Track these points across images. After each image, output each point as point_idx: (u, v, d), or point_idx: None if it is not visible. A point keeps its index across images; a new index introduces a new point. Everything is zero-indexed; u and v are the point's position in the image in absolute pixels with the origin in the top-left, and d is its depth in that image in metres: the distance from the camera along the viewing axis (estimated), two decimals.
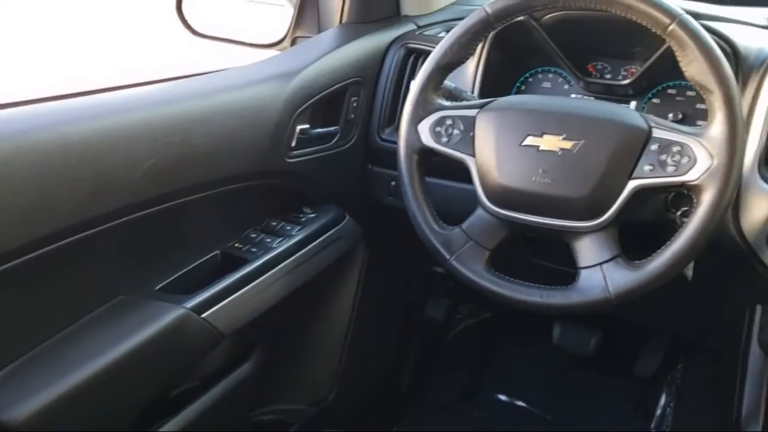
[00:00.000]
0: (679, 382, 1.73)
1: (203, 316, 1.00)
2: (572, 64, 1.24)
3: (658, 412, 1.72)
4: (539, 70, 1.32)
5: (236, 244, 1.17)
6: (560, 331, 1.78)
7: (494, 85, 1.25)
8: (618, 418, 1.78)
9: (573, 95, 1.29)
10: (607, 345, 1.81)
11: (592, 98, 1.26)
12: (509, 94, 1.28)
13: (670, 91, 1.22)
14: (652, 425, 1.71)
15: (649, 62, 1.13)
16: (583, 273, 0.97)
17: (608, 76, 1.28)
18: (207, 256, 1.13)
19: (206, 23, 1.72)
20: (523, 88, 1.33)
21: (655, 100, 1.23)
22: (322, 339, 1.53)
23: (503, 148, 1.00)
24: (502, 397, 1.90)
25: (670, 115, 1.21)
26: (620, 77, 1.26)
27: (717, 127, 0.90)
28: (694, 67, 0.91)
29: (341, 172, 1.33)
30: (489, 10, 1.01)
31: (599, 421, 1.77)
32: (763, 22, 1.19)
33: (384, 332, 1.78)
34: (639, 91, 1.24)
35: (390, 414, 1.83)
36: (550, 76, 1.32)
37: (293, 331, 1.45)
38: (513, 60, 1.31)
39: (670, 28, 0.90)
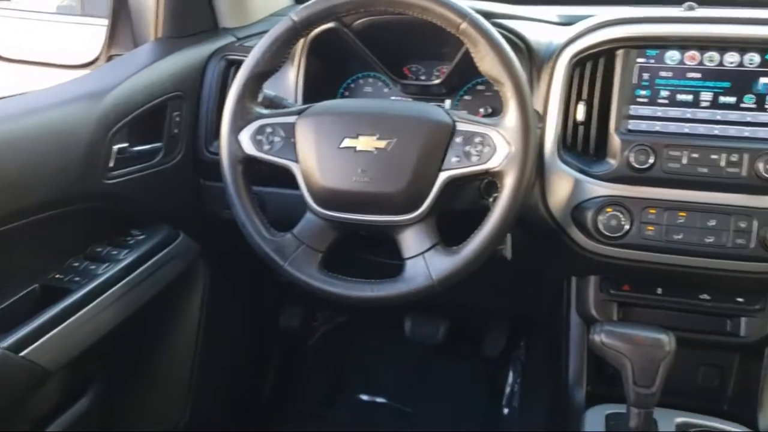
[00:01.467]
0: (523, 359, 1.84)
1: (22, 354, 0.94)
2: (388, 68, 1.29)
3: (507, 389, 1.83)
4: (360, 75, 1.37)
5: (57, 275, 1.11)
6: (411, 324, 1.85)
7: (318, 92, 1.27)
8: (473, 399, 1.87)
9: (393, 98, 1.35)
10: (456, 332, 1.90)
11: (409, 99, 1.33)
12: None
13: (479, 87, 1.30)
14: (503, 402, 1.81)
15: (455, 61, 1.21)
16: (408, 263, 1.02)
17: (423, 77, 1.34)
18: (24, 291, 1.06)
19: (14, 46, 1.62)
20: (347, 93, 1.37)
21: (467, 97, 1.31)
22: (169, 362, 1.49)
23: (323, 152, 1.03)
24: (364, 397, 1.94)
25: (482, 110, 1.30)
26: (433, 77, 1.33)
27: (511, 116, 0.97)
28: (486, 62, 0.98)
29: (170, 190, 1.30)
30: (295, 18, 1.03)
31: (456, 406, 1.85)
32: (555, 19, 1.30)
33: (237, 347, 1.76)
34: (452, 89, 1.31)
35: (253, 427, 1.81)
36: (371, 80, 1.37)
37: (136, 358, 1.40)
38: (334, 67, 1.34)
39: (462, 26, 0.97)
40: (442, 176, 1.00)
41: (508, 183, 0.97)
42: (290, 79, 1.28)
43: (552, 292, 1.31)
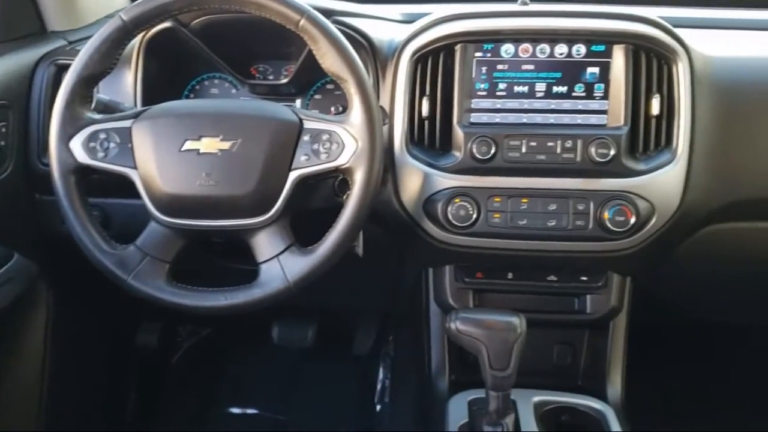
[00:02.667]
0: (392, 354, 1.86)
1: None
2: (233, 68, 1.25)
3: (379, 386, 1.84)
4: (205, 77, 1.32)
5: None
6: (278, 330, 1.82)
7: (160, 95, 1.21)
8: (346, 399, 1.86)
9: (242, 99, 1.31)
10: (325, 333, 1.88)
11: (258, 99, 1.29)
12: None
13: (329, 86, 1.29)
14: (376, 399, 1.82)
15: (300, 60, 1.19)
16: (263, 267, 0.99)
17: (271, 77, 1.32)
18: None
19: None
20: (192, 96, 1.32)
21: (317, 96, 1.30)
22: (13, 393, 1.37)
23: (163, 156, 0.98)
24: (235, 410, 1.89)
25: (333, 108, 1.29)
26: (282, 77, 1.31)
27: (356, 112, 0.97)
28: (328, 59, 0.97)
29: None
30: (125, 17, 0.98)
31: (329, 407, 1.84)
32: (398, 17, 1.32)
33: (92, 369, 1.65)
34: (301, 88, 1.30)
35: None
36: (216, 81, 1.32)
37: None
38: (176, 68, 1.29)
39: (301, 23, 0.96)
40: (292, 176, 0.98)
41: (358, 179, 0.97)
42: (127, 83, 1.21)
43: (411, 285, 1.33)
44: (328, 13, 1.12)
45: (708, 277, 1.29)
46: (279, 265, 0.98)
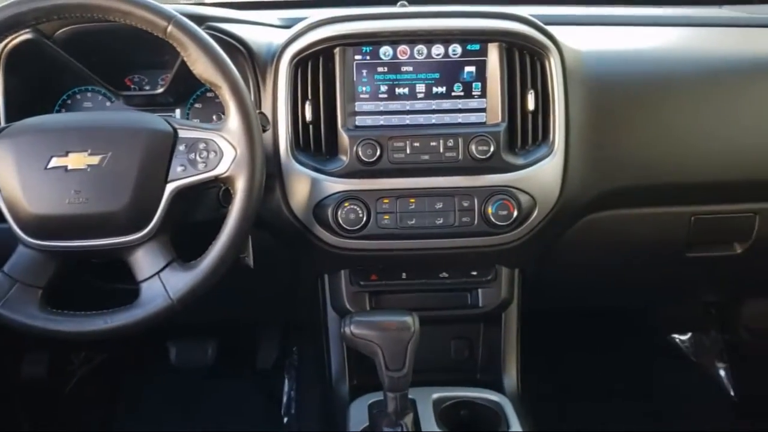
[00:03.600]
0: (297, 365, 1.84)
1: None
2: (107, 80, 1.20)
3: (285, 398, 1.80)
4: (77, 90, 1.26)
5: None
6: (176, 350, 1.76)
7: (25, 111, 1.13)
8: (252, 414, 1.82)
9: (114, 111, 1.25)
10: (227, 349, 1.84)
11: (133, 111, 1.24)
12: None
13: (209, 94, 1.26)
14: (282, 411, 1.79)
15: (175, 68, 1.15)
16: (144, 286, 0.95)
17: (147, 88, 1.27)
18: None
19: None
20: (63, 111, 1.25)
21: (197, 105, 1.26)
22: None
23: (27, 175, 0.92)
24: None
25: (214, 117, 1.26)
26: (158, 87, 1.26)
27: (233, 119, 0.95)
28: (199, 65, 0.94)
29: None
30: None
31: (236, 425, 1.79)
32: (277, 22, 1.30)
33: None
34: (180, 98, 1.25)
35: None
36: (89, 95, 1.26)
37: None
38: (44, 82, 1.22)
39: (168, 30, 0.92)
40: (170, 188, 0.95)
41: (239, 188, 0.94)
42: None
43: (308, 292, 1.31)
44: (200, 19, 1.09)
45: (591, 264, 1.34)
46: (160, 282, 0.94)
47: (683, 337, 1.98)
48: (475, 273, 1.25)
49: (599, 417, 1.75)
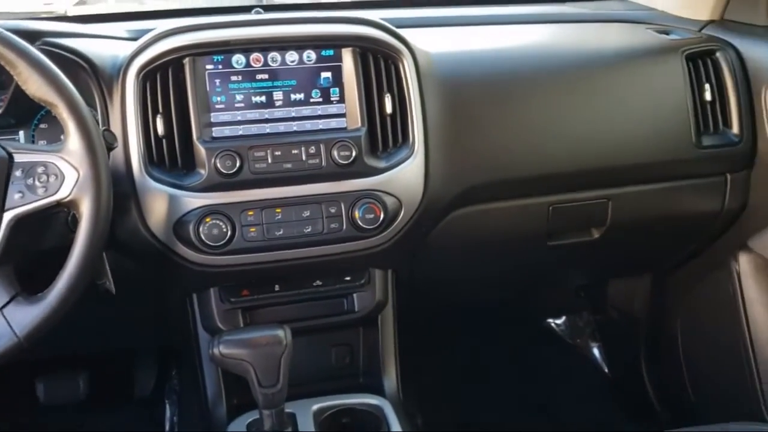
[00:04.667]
0: (178, 389, 1.76)
1: None
2: None
3: (167, 424, 1.73)
4: None
5: None
6: (43, 387, 1.64)
7: None
8: None
9: None
10: (102, 380, 1.73)
11: None
12: None
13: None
14: None
15: (11, 89, 1.07)
16: None
17: None
18: None
19: None
20: None
21: (43, 126, 1.18)
22: None
23: None
24: None
25: (62, 137, 1.18)
26: None
27: (73, 138, 0.89)
28: (31, 84, 0.88)
29: None
30: None
31: None
32: (124, 35, 1.24)
33: None
34: (23, 119, 1.17)
35: None
36: None
37: None
38: None
39: None
40: (7, 217, 0.88)
41: (85, 211, 0.89)
42: None
43: (178, 314, 1.26)
44: (34, 34, 1.02)
45: (461, 259, 1.37)
46: (4, 319, 0.87)
47: (558, 321, 2.08)
48: (348, 278, 1.24)
49: (486, 406, 1.80)
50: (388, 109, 1.15)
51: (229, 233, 1.09)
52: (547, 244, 1.34)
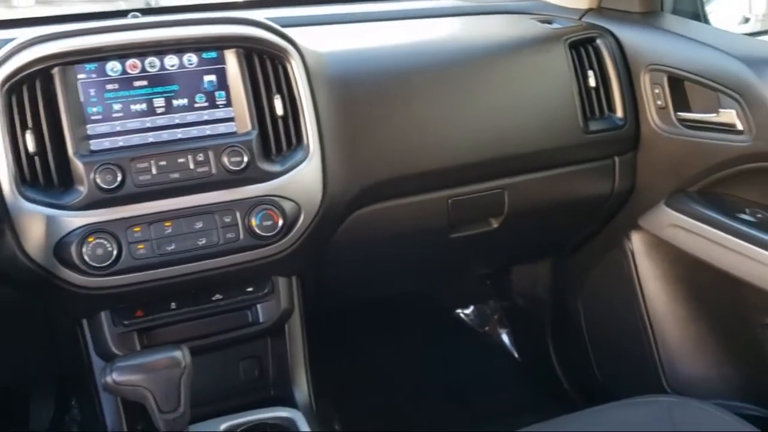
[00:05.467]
0: (79, 419, 1.66)
1: None
2: None
3: None
4: None
5: None
6: None
7: None
8: None
9: None
10: None
11: None
12: None
13: None
14: None
15: None
16: None
17: None
18: None
19: None
20: None
21: None
22: None
23: None
24: None
25: None
26: None
27: None
28: None
29: None
30: None
31: None
32: None
33: None
34: None
35: None
36: None
37: None
38: None
39: None
40: None
41: None
42: None
43: (69, 342, 1.18)
44: None
45: (367, 258, 1.35)
46: None
47: (467, 311, 2.10)
48: (251, 289, 1.19)
49: (403, 399, 1.80)
50: (279, 111, 1.11)
51: (115, 252, 1.02)
52: (450, 237, 1.34)
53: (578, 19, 1.44)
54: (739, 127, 1.17)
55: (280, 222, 1.10)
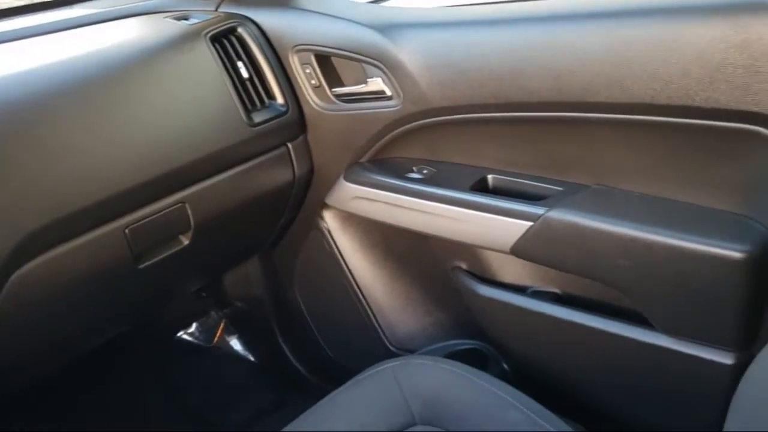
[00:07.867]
0: None
1: None
2: None
3: None
4: None
5: None
6: None
7: None
8: None
9: None
10: None
11: None
12: None
13: None
14: None
15: None
16: None
17: None
18: None
19: None
20: None
21: None
22: None
23: None
24: None
25: None
26: None
27: None
28: None
29: None
30: None
31: None
32: None
33: None
34: None
35: None
36: None
37: None
38: None
39: None
40: None
41: None
42: None
43: None
44: None
45: (46, 319, 1.15)
46: None
47: (190, 329, 1.98)
48: None
49: None
50: None
51: None
52: (138, 268, 1.21)
53: (215, 10, 1.39)
54: (388, 93, 1.22)
55: None
